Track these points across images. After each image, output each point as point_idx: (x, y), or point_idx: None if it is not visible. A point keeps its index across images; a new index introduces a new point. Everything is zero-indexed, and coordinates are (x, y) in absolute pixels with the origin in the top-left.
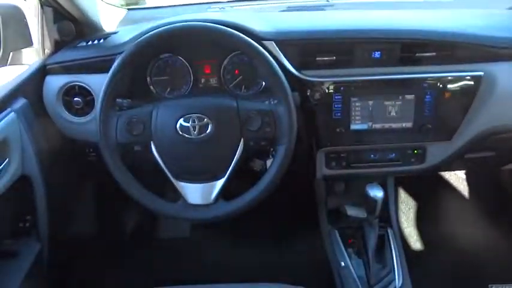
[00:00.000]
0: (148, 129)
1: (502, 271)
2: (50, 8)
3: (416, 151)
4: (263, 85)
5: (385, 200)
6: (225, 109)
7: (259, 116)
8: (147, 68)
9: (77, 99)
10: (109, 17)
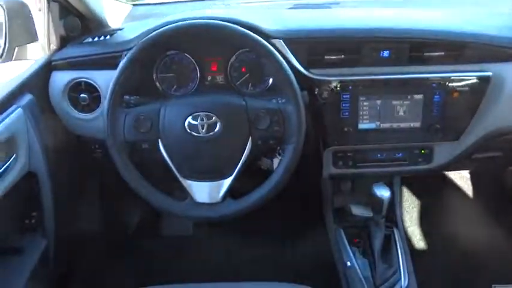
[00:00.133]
0: (156, 127)
1: (506, 271)
2: (57, 4)
3: (423, 151)
4: (270, 83)
5: (391, 200)
6: (234, 108)
7: (267, 115)
8: (154, 65)
9: (83, 95)
10: (114, 13)
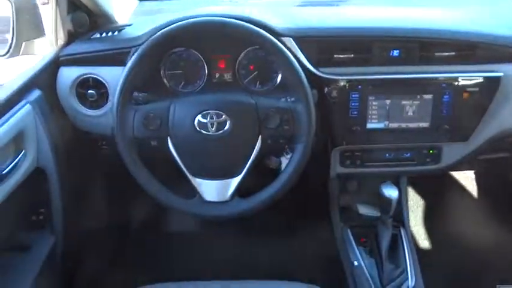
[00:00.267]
0: (165, 124)
1: (511, 272)
2: None
3: (431, 151)
4: (278, 81)
5: (399, 200)
6: (244, 106)
7: (277, 114)
8: (161, 62)
9: (91, 91)
10: (122, 9)
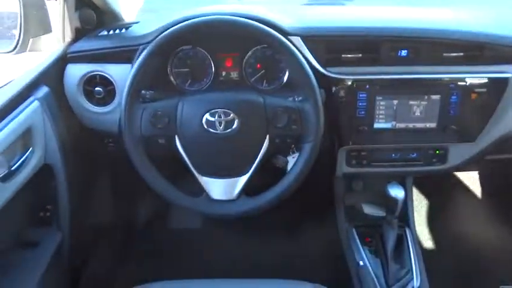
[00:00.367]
0: (173, 122)
1: None
2: None
3: (438, 151)
4: (284, 80)
5: (404, 200)
6: (252, 105)
7: (285, 113)
8: (168, 60)
9: (98, 89)
10: (128, 6)
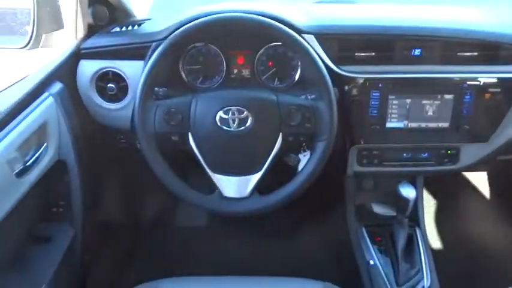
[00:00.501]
0: (186, 120)
1: None
2: None
3: (449, 151)
4: (296, 78)
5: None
6: (266, 103)
7: (299, 111)
8: (180, 57)
9: (111, 85)
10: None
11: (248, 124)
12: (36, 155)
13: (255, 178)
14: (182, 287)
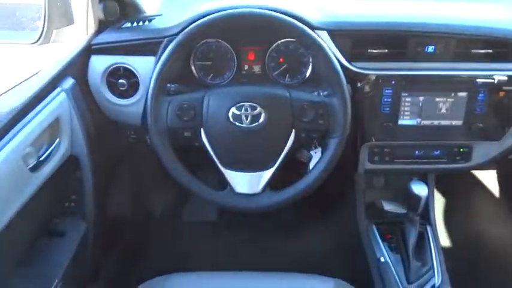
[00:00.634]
0: (199, 115)
1: None
2: None
3: (462, 149)
4: (307, 75)
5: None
6: (279, 99)
7: (312, 108)
8: (191, 53)
9: (122, 81)
10: None
11: (261, 120)
12: (49, 150)
13: (267, 174)
14: (192, 282)
